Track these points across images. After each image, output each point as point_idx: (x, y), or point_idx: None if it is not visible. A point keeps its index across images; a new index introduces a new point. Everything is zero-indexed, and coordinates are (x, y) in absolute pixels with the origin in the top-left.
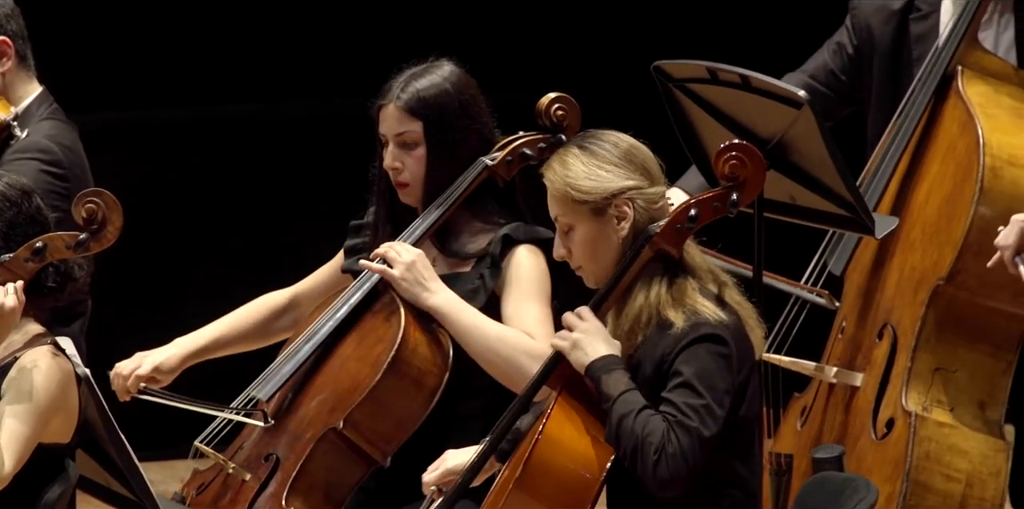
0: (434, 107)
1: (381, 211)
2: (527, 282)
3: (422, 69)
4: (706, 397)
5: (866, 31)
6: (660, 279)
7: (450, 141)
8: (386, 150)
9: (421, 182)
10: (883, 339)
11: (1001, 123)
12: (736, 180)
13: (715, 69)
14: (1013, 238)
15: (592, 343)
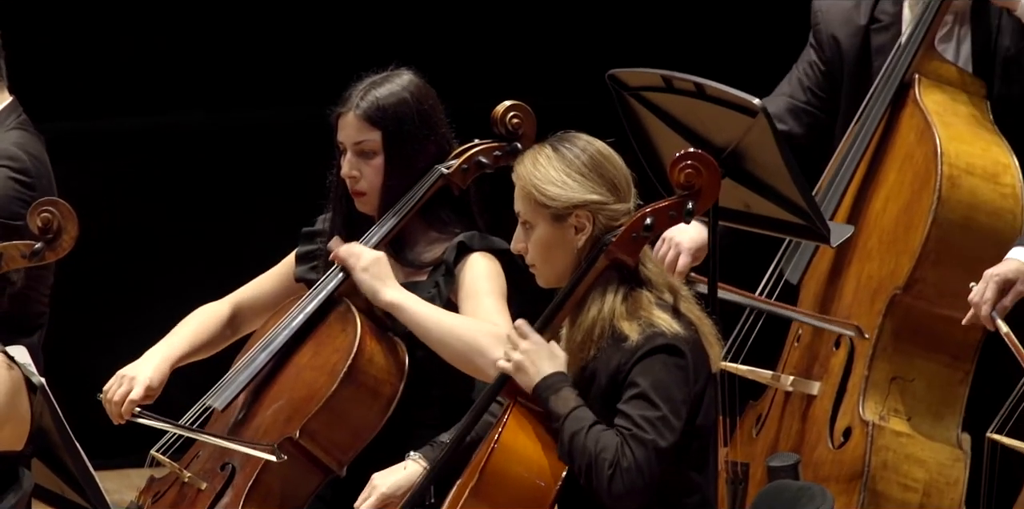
0: (393, 116)
1: (337, 218)
2: (482, 281)
3: (382, 78)
4: (662, 408)
5: (834, 44)
6: (615, 290)
7: (408, 151)
8: (344, 158)
9: (378, 191)
10: (840, 348)
11: (958, 132)
12: (691, 188)
13: (670, 77)
14: (990, 294)
15: (535, 363)
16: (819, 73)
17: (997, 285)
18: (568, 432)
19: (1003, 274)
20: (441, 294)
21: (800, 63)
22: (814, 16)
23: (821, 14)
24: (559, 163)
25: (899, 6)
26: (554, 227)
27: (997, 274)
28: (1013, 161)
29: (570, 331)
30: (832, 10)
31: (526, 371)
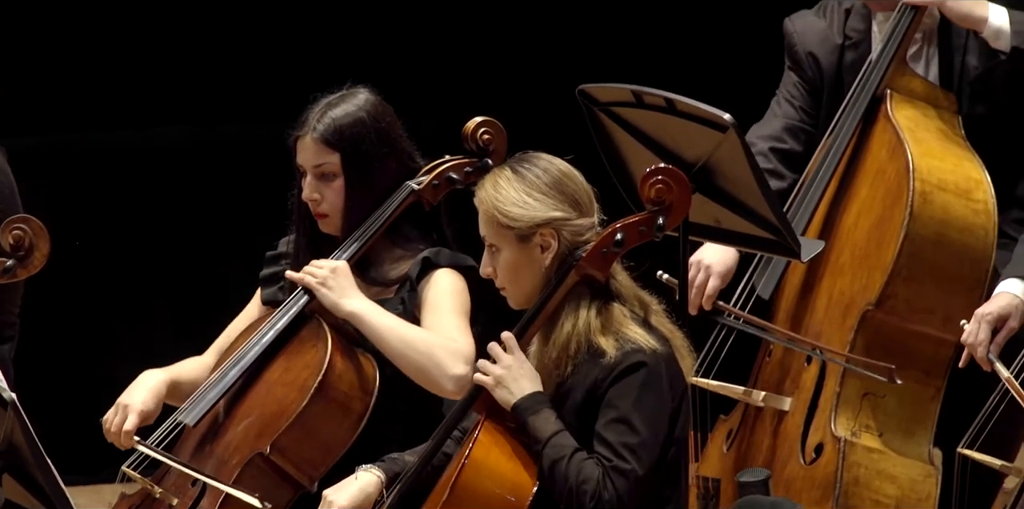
0: (351, 138)
1: (301, 240)
2: (444, 297)
3: (338, 98)
4: (641, 433)
5: (813, 62)
6: (588, 305)
7: (368, 171)
8: (304, 180)
9: (341, 212)
10: (812, 363)
11: (930, 147)
12: (662, 204)
13: (640, 93)
14: (983, 336)
15: (516, 380)
16: (805, 92)
17: (990, 325)
18: (549, 459)
19: (995, 312)
20: (406, 310)
21: (784, 86)
22: (789, 37)
23: (796, 35)
24: (519, 183)
25: (868, 23)
26: (520, 248)
27: (989, 312)
28: (985, 177)
29: (543, 348)
30: (807, 30)
31: (507, 387)
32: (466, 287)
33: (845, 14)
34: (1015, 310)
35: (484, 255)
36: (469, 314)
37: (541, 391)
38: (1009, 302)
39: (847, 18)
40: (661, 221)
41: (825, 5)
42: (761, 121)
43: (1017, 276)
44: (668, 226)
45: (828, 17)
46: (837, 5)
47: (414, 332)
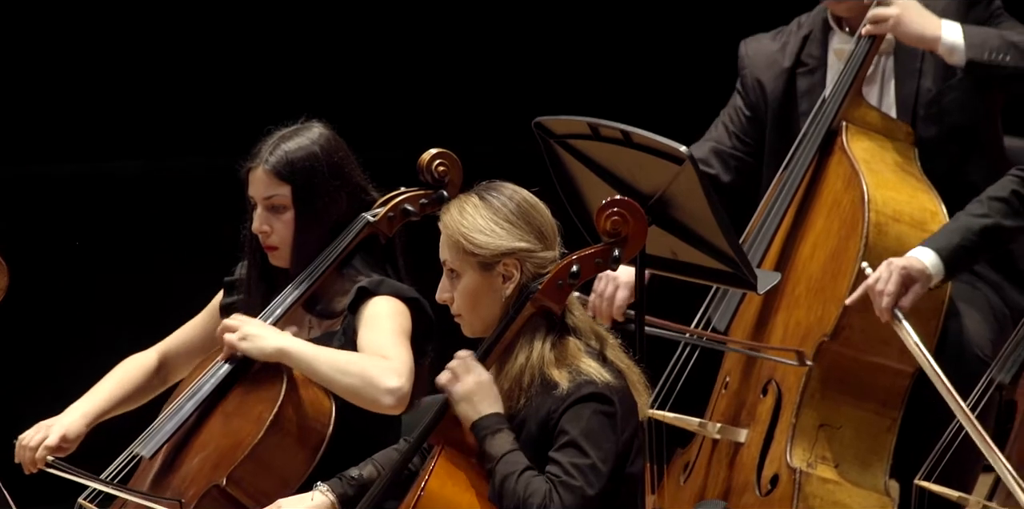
0: (302, 171)
1: (253, 272)
2: (382, 319)
3: (291, 131)
4: (591, 456)
5: (758, 88)
6: (543, 338)
7: (319, 204)
8: (255, 212)
9: (290, 245)
10: (767, 395)
11: (886, 179)
12: (618, 236)
13: (597, 125)
14: (893, 287)
15: (482, 399)
16: (744, 118)
17: (901, 278)
18: (500, 474)
19: (908, 268)
20: (348, 339)
21: (726, 109)
22: (740, 61)
23: (747, 59)
24: (486, 211)
25: (824, 49)
26: (482, 275)
27: (903, 266)
28: (940, 208)
29: (497, 379)
30: (757, 54)
31: (472, 403)
32: (407, 312)
33: (802, 40)
34: (924, 277)
35: (442, 280)
36: (408, 335)
37: (501, 413)
38: (923, 268)
39: (804, 44)
40: (617, 253)
41: (783, 29)
42: (696, 142)
43: (931, 247)
44: (624, 258)
45: (783, 41)
46: (795, 29)
47: (343, 355)
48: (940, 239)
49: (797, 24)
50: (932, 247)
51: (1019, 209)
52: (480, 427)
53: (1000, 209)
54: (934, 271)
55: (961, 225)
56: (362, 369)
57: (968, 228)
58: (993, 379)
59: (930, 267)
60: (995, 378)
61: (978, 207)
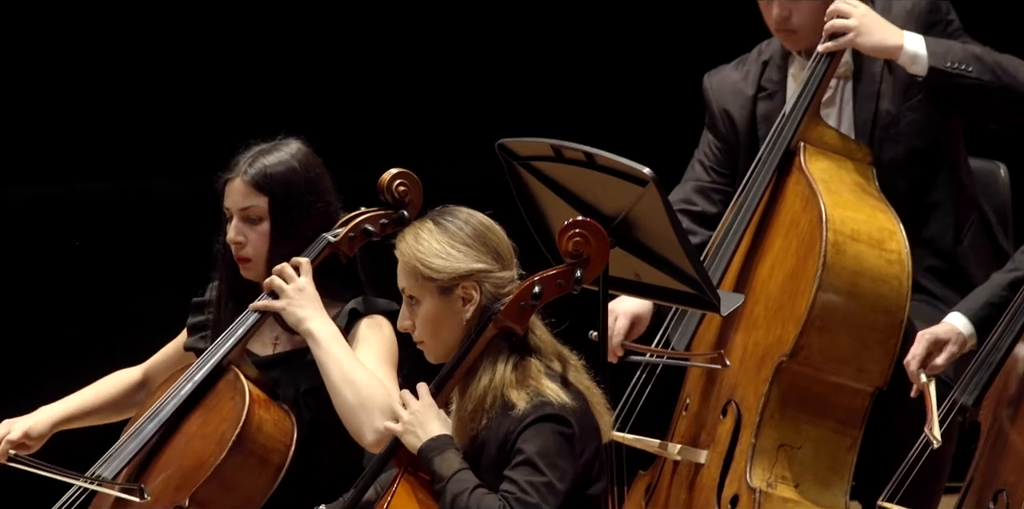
0: (280, 184)
1: (224, 287)
2: (372, 347)
3: (270, 146)
4: (547, 474)
5: (726, 118)
6: (505, 359)
7: (294, 218)
8: (230, 224)
9: (263, 258)
10: (727, 416)
11: (843, 199)
12: (580, 257)
13: (560, 147)
14: (919, 350)
15: (424, 424)
16: (717, 150)
17: (927, 342)
18: (451, 493)
19: (935, 332)
20: None
21: (699, 146)
22: (705, 93)
23: (712, 91)
24: (441, 235)
25: (783, 74)
26: (441, 300)
27: (929, 332)
28: (898, 227)
29: (461, 401)
30: (721, 84)
31: (414, 432)
32: (392, 333)
33: (762, 66)
34: (956, 336)
35: (402, 308)
36: (396, 362)
37: (447, 434)
38: (951, 328)
39: (764, 70)
40: (579, 274)
41: (744, 58)
42: (677, 186)
43: (960, 311)
44: (586, 279)
45: (744, 69)
46: (756, 56)
47: (360, 372)
48: (969, 300)
49: (758, 51)
50: (960, 309)
51: None
52: (426, 449)
53: None
54: (964, 329)
55: (991, 283)
56: (370, 395)
57: (997, 284)
58: (956, 401)
59: (959, 325)
60: (958, 400)
61: (1009, 264)
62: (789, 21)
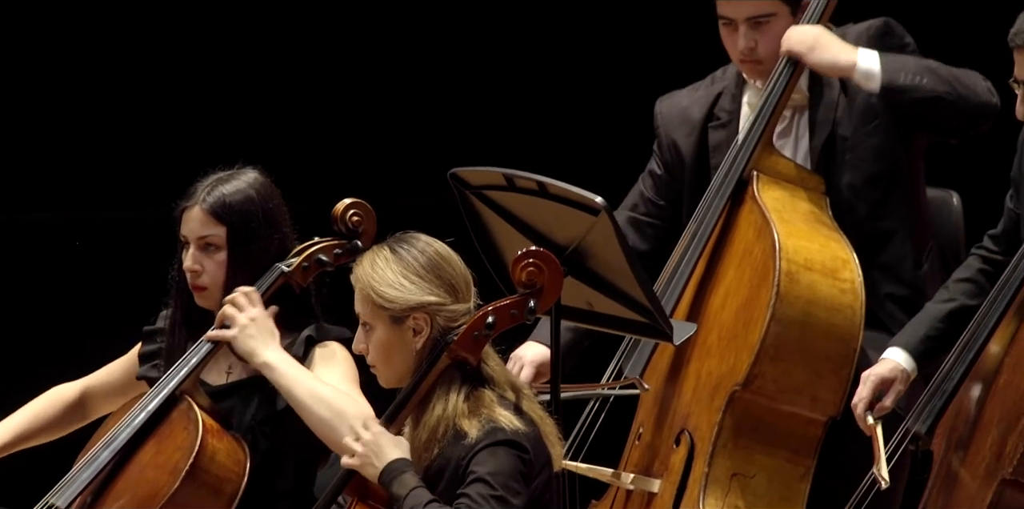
0: (239, 213)
1: (177, 314)
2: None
3: (228, 175)
4: (500, 491)
5: (672, 147)
6: (458, 389)
7: (252, 247)
8: (186, 252)
9: (219, 286)
10: (680, 445)
11: (797, 228)
12: (533, 287)
13: (512, 176)
14: (865, 393)
15: (379, 453)
16: (658, 180)
17: (873, 384)
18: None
19: (879, 374)
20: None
21: (646, 169)
22: (656, 119)
23: (661, 117)
24: (396, 265)
25: (738, 103)
26: (393, 329)
27: (874, 373)
28: (852, 257)
29: (414, 431)
30: (670, 111)
31: (371, 462)
32: (350, 357)
33: (716, 95)
34: (900, 374)
35: (358, 331)
36: (358, 382)
37: (404, 457)
38: (894, 367)
39: (717, 98)
40: (532, 304)
41: (698, 85)
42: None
43: (899, 346)
44: (540, 309)
45: (696, 96)
46: (710, 84)
47: (324, 388)
48: (907, 333)
49: (712, 79)
50: (899, 344)
51: (984, 287)
52: (384, 474)
53: (966, 290)
54: (906, 364)
55: (927, 315)
56: (342, 406)
57: (933, 316)
58: (909, 429)
59: (901, 361)
60: (911, 428)
61: (944, 293)
62: (755, 51)
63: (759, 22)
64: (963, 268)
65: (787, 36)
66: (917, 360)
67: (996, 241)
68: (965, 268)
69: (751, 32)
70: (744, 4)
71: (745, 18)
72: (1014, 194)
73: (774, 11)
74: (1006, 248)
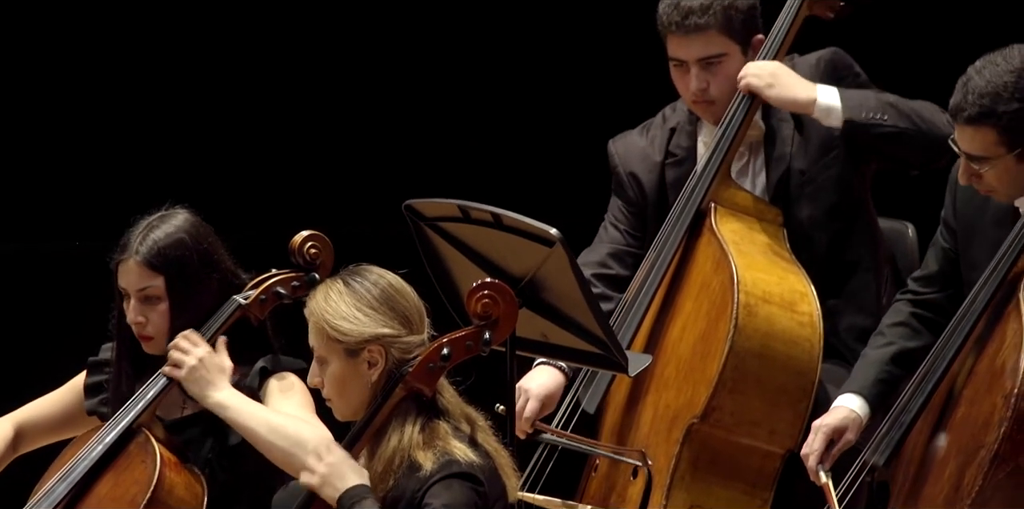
0: (174, 261)
1: (124, 361)
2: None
3: (157, 219)
4: None
5: (634, 182)
6: (413, 420)
7: (192, 292)
8: (127, 303)
9: (165, 334)
10: (638, 477)
11: (755, 260)
12: (489, 318)
13: (467, 207)
14: (818, 445)
15: (340, 476)
16: (628, 213)
17: (826, 435)
18: None
19: (832, 424)
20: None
21: (610, 210)
22: (611, 159)
23: (617, 156)
24: (350, 298)
25: (693, 140)
26: (347, 362)
27: (826, 424)
28: (810, 289)
29: (369, 463)
30: (628, 150)
31: (332, 484)
32: (305, 387)
33: (669, 132)
34: (852, 423)
35: (312, 365)
36: (314, 409)
37: (365, 484)
38: (846, 415)
39: (671, 136)
40: (488, 336)
41: (649, 124)
42: (589, 247)
43: (852, 391)
44: (495, 341)
45: (650, 135)
46: (662, 122)
47: (279, 418)
48: (858, 379)
49: (663, 117)
50: (852, 389)
51: (919, 329)
52: (344, 499)
53: (903, 334)
54: (860, 410)
55: (872, 360)
56: (298, 433)
57: (879, 360)
58: (867, 461)
59: (855, 408)
60: (868, 460)
61: (881, 339)
62: (707, 92)
63: (710, 63)
64: (892, 314)
65: (744, 72)
66: (871, 404)
67: (928, 282)
68: (895, 313)
69: (703, 73)
70: (695, 45)
71: (696, 59)
72: (948, 235)
73: (725, 51)
74: (943, 286)
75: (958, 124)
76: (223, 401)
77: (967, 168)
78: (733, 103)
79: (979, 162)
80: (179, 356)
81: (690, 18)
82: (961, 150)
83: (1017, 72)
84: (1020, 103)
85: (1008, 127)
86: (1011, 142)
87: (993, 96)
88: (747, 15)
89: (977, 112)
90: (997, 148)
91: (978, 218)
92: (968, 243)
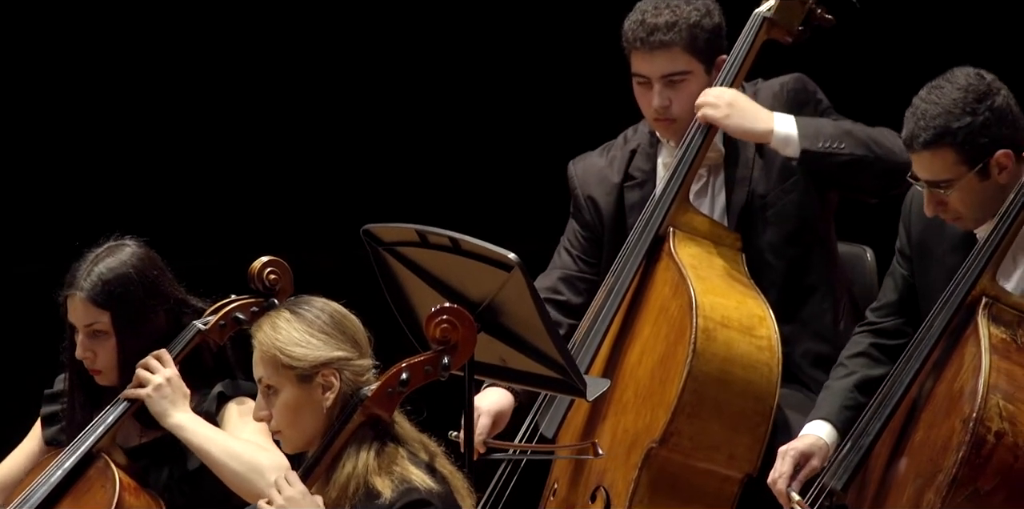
0: (119, 296)
1: (77, 393)
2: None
3: (104, 252)
4: None
5: (591, 205)
6: (369, 446)
7: (139, 325)
8: (77, 337)
9: (115, 367)
10: (596, 501)
11: (713, 285)
12: (447, 343)
13: (425, 232)
14: (785, 468)
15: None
16: (582, 238)
17: (793, 459)
18: None
19: (799, 448)
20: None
21: (565, 235)
22: (570, 181)
23: (576, 179)
24: (299, 324)
25: (653, 163)
26: (300, 388)
27: (793, 448)
28: (768, 313)
29: (323, 489)
30: (587, 172)
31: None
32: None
33: (630, 154)
34: (819, 450)
35: (258, 398)
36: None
37: None
38: (814, 442)
39: (632, 157)
40: (447, 360)
41: (610, 145)
42: (544, 272)
43: (821, 418)
44: (454, 365)
45: (610, 156)
46: (623, 143)
47: (235, 442)
48: (825, 407)
49: (624, 138)
50: (820, 417)
51: (880, 358)
52: None
53: (864, 363)
54: (828, 438)
55: (836, 390)
56: (253, 458)
57: (844, 388)
58: (825, 486)
59: (823, 435)
60: (827, 484)
61: (842, 370)
62: (669, 110)
63: (674, 80)
64: (852, 345)
65: (702, 101)
66: (839, 431)
67: (887, 311)
68: (854, 345)
69: (665, 90)
70: (659, 62)
71: (660, 76)
72: (904, 263)
73: (689, 69)
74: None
75: (914, 153)
76: (182, 422)
77: (931, 197)
78: (691, 128)
79: (943, 186)
80: (146, 375)
81: (655, 35)
82: (922, 180)
83: (963, 89)
84: (972, 116)
85: (965, 142)
86: (970, 159)
87: (945, 116)
88: (712, 35)
89: (932, 134)
90: (958, 168)
91: (936, 245)
92: (924, 270)
